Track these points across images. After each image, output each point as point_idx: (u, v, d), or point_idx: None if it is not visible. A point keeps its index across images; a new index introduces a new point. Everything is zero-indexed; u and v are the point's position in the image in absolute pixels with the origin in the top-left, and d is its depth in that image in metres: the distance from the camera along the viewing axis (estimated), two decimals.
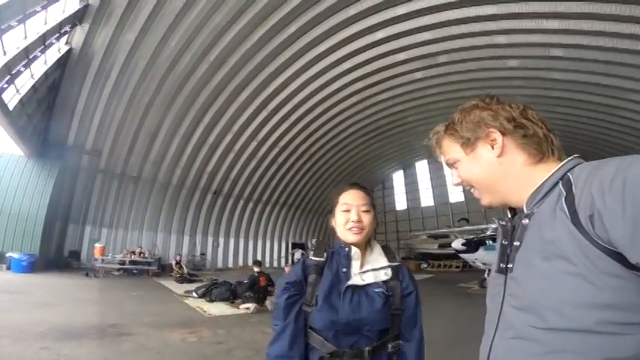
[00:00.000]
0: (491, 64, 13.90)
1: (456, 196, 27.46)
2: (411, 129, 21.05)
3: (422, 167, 30.48)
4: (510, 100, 0.81)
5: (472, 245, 11.44)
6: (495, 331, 0.74)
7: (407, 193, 31.41)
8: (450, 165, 0.87)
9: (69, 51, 12.53)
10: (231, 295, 8.33)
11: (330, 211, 1.34)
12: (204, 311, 7.06)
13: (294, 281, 1.22)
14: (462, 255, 12.02)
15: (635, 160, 0.56)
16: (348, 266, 1.22)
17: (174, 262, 14.56)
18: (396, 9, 12.22)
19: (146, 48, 13.25)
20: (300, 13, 12.66)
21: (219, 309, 7.38)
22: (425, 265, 22.37)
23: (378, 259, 1.27)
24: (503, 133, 0.76)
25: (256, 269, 8.19)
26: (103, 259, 13.48)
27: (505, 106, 0.79)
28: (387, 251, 1.31)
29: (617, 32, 10.33)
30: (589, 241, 0.57)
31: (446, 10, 11.77)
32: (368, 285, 1.20)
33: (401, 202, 31.81)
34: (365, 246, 1.28)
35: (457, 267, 20.14)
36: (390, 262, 1.26)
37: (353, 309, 1.14)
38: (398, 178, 32.43)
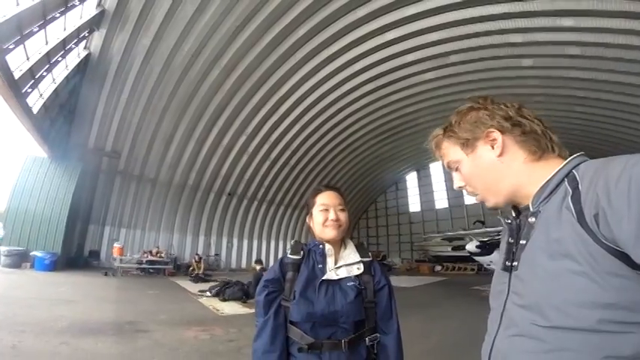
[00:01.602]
0: (504, 63, 13.63)
1: (471, 198, 26.44)
2: (423, 130, 20.77)
3: (436, 169, 29.92)
4: (516, 100, 0.82)
5: (487, 247, 11.24)
6: (498, 329, 0.74)
7: (420, 195, 30.98)
8: (451, 167, 0.87)
9: (87, 56, 12.88)
10: (244, 295, 8.46)
11: (307, 211, 1.44)
12: (217, 310, 7.19)
13: (273, 278, 1.30)
14: (476, 257, 11.83)
15: None
16: (324, 262, 1.31)
17: (194, 260, 14.97)
18: (406, 9, 12.16)
19: (161, 53, 13.56)
20: (309, 15, 12.75)
21: (231, 308, 7.51)
22: (439, 268, 22.04)
23: (350, 255, 1.35)
24: (502, 132, 0.76)
25: (258, 267, 8.33)
26: (121, 259, 13.86)
27: (500, 105, 0.80)
28: (360, 248, 1.39)
29: (632, 29, 10.00)
30: (594, 241, 0.58)
31: (456, 9, 11.63)
32: (342, 279, 1.28)
33: (414, 204, 31.40)
34: (340, 244, 1.37)
35: (472, 270, 19.76)
36: (362, 257, 1.34)
37: (328, 301, 1.22)
38: (411, 179, 32.06)
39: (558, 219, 0.65)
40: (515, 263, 0.74)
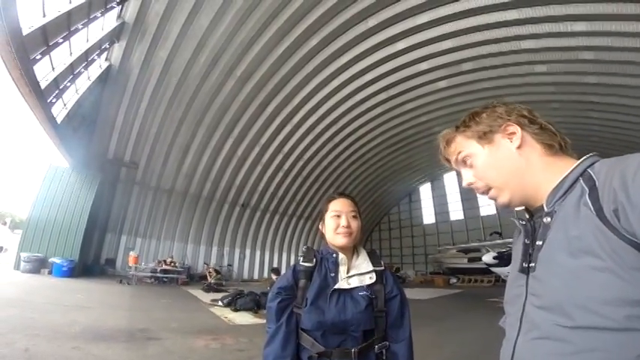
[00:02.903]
0: (518, 70, 13.47)
1: (487, 209, 26.34)
2: (436, 140, 20.58)
3: (450, 179, 29.55)
4: (535, 107, 0.83)
5: (505, 259, 10.89)
6: (518, 333, 0.71)
7: (435, 206, 30.52)
8: (462, 162, 0.84)
9: (108, 67, 13.34)
10: (255, 305, 8.40)
11: (320, 218, 1.45)
12: (229, 320, 7.15)
13: (286, 286, 1.31)
14: (493, 269, 11.46)
15: None
16: (336, 271, 1.32)
17: (209, 271, 15.10)
18: (417, 18, 12.22)
19: (178, 64, 13.97)
20: (321, 26, 12.97)
21: (243, 318, 7.46)
22: (454, 280, 21.45)
23: (363, 263, 1.35)
24: (520, 126, 0.77)
25: (274, 276, 8.26)
26: (136, 268, 14.06)
27: (514, 105, 0.81)
28: (372, 257, 1.38)
29: None
30: (616, 235, 0.56)
31: (468, 16, 11.62)
32: (353, 288, 1.28)
33: (429, 216, 30.93)
34: (352, 251, 1.38)
35: (489, 282, 19.16)
36: (374, 267, 1.34)
37: (339, 311, 1.22)
38: (425, 190, 31.64)
39: (577, 216, 0.63)
40: (532, 264, 0.72)
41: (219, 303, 8.99)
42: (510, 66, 13.40)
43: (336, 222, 1.34)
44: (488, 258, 11.46)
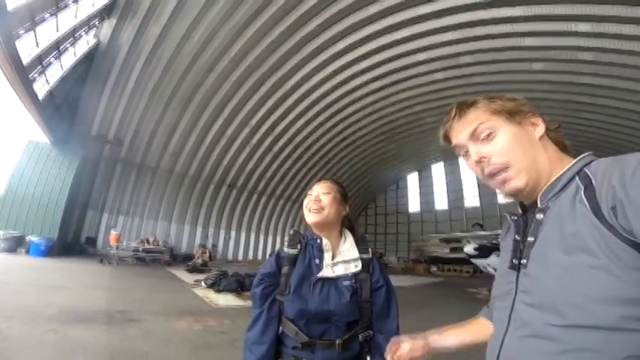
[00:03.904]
0: (515, 66, 13.48)
1: (470, 200, 26.91)
2: (428, 130, 20.69)
3: (437, 170, 29.95)
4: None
5: (485, 250, 11.19)
6: (506, 330, 0.70)
7: (421, 195, 30.95)
8: (478, 135, 0.75)
9: (96, 44, 12.96)
10: (239, 287, 8.39)
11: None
12: (212, 301, 7.13)
13: (269, 272, 1.29)
14: (473, 260, 11.78)
15: None
16: (321, 257, 1.28)
17: (200, 251, 15.06)
18: (419, 8, 11.97)
19: (170, 42, 13.53)
20: (321, 9, 12.61)
21: (226, 299, 7.46)
22: (434, 269, 22.04)
23: (349, 250, 1.31)
24: (542, 119, 0.76)
25: None
26: (117, 247, 13.82)
27: None
28: (360, 243, 1.35)
29: None
30: (612, 233, 0.56)
31: (472, 10, 11.43)
32: (338, 277, 1.24)
33: (414, 205, 31.38)
34: (339, 236, 1.34)
35: (467, 272, 19.75)
36: (361, 253, 1.30)
37: (322, 300, 1.19)
38: (412, 179, 31.99)
39: (572, 213, 0.62)
40: (523, 261, 0.70)
41: (202, 284, 8.95)
42: (509, 62, 13.38)
43: (308, 200, 1.32)
44: (469, 249, 11.72)
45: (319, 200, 1.28)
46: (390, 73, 15.69)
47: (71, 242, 14.77)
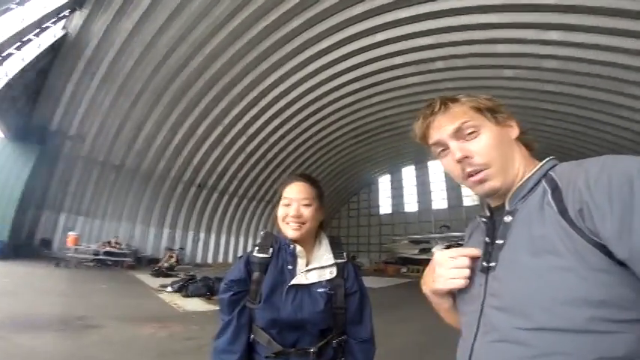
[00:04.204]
0: (487, 72, 13.89)
1: (438, 203, 27.85)
2: (402, 133, 21.05)
3: (408, 173, 30.73)
4: None
5: None
6: (476, 335, 0.69)
7: (392, 197, 31.60)
8: (461, 132, 0.74)
9: (64, 36, 12.35)
10: (208, 291, 8.13)
11: (277, 202, 1.30)
12: (179, 306, 6.86)
13: (238, 279, 1.20)
14: None
15: (618, 158, 0.57)
16: (294, 264, 1.21)
17: (167, 256, 14.64)
18: (400, 12, 12.10)
19: (143, 36, 13.02)
20: (303, 9, 12.51)
21: (194, 304, 7.19)
22: (405, 270, 22.54)
23: (324, 255, 1.24)
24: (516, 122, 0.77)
25: None
26: (76, 249, 13.00)
27: None
28: (335, 246, 1.28)
29: (612, 46, 10.34)
30: (580, 235, 0.56)
31: (450, 16, 11.64)
32: (312, 284, 1.18)
33: (385, 207, 31.99)
34: (313, 241, 1.27)
35: None
36: (336, 259, 1.24)
37: (295, 309, 1.13)
38: (384, 182, 32.61)
39: (541, 216, 0.63)
40: (492, 264, 0.69)
41: (169, 288, 8.59)
42: (481, 68, 13.76)
43: (286, 211, 1.21)
44: (437, 250, 12.10)
45: (300, 215, 1.19)
46: (367, 75, 15.81)
47: (24, 244, 13.67)
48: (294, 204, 1.20)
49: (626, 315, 0.53)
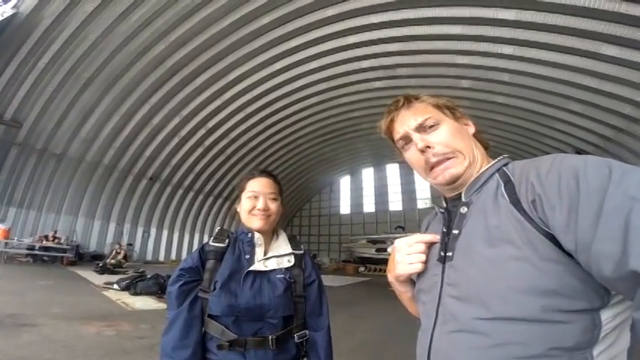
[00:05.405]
0: (447, 82, 14.42)
1: (395, 205, 28.99)
2: (363, 136, 21.57)
3: (367, 174, 31.58)
4: None
5: None
6: (435, 325, 0.70)
7: (352, 198, 32.27)
8: (425, 126, 0.79)
9: (14, 15, 11.18)
10: (160, 290, 7.68)
11: (237, 197, 1.31)
12: (127, 305, 6.43)
13: (190, 267, 1.17)
14: None
15: (567, 155, 0.61)
16: (252, 253, 1.21)
17: (114, 251, 13.81)
18: (372, 17, 12.24)
19: (102, 20, 12.01)
20: (278, 6, 12.25)
21: (144, 303, 6.78)
22: (362, 269, 23.09)
23: (282, 245, 1.28)
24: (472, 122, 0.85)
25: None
26: (6, 244, 11.66)
27: None
28: (292, 241, 1.31)
29: (558, 63, 11.05)
30: (532, 226, 0.59)
31: (417, 25, 11.95)
32: (271, 271, 1.19)
33: (345, 207, 32.59)
34: (271, 234, 1.29)
35: None
36: (294, 250, 1.27)
37: (254, 294, 1.12)
38: (345, 182, 33.20)
39: (496, 207, 0.66)
40: (449, 254, 0.72)
41: (115, 286, 8.00)
42: (441, 77, 14.27)
43: (253, 203, 1.22)
44: (391, 249, 12.55)
45: (268, 209, 1.22)
46: (335, 76, 15.88)
47: None
48: (261, 197, 1.23)
49: (574, 305, 0.55)
